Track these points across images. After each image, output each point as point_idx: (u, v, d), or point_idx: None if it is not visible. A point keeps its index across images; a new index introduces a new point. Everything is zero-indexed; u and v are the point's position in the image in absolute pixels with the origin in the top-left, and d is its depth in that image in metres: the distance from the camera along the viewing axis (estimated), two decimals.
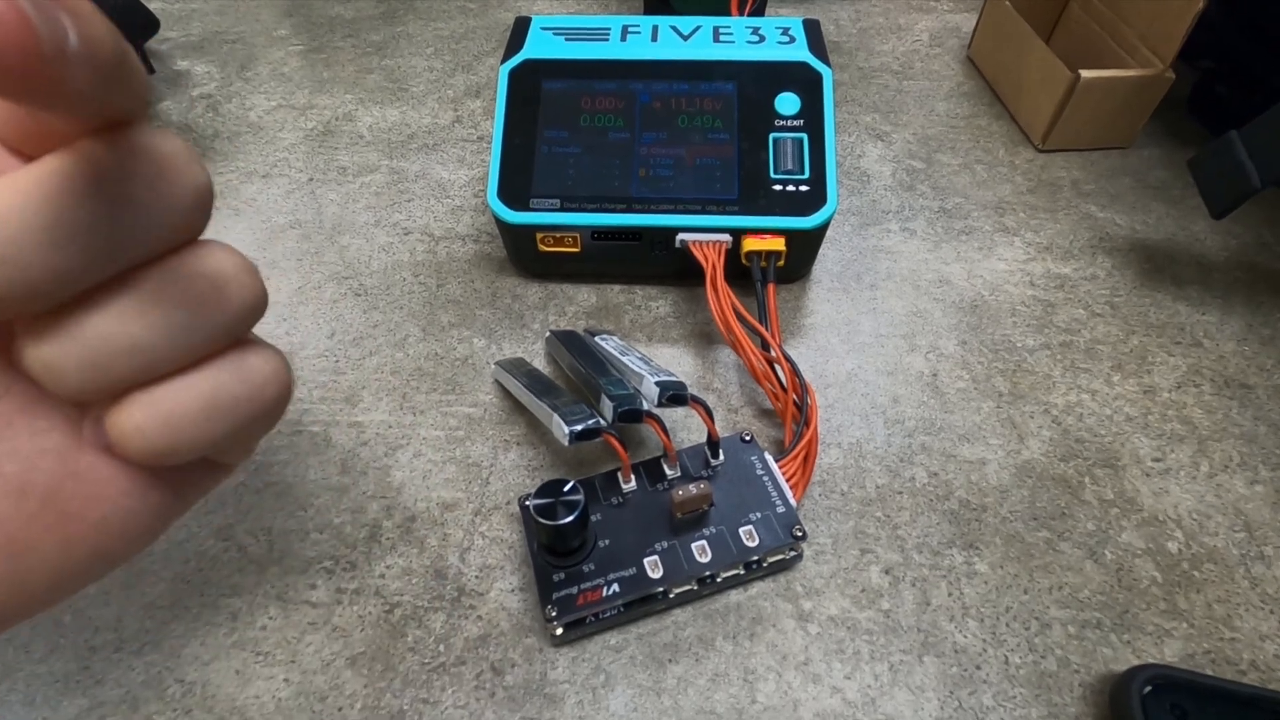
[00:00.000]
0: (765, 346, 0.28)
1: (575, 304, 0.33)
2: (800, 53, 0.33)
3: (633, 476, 0.25)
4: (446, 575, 0.25)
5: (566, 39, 0.34)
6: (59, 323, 0.11)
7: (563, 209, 0.31)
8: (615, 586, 0.23)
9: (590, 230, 0.31)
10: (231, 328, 0.13)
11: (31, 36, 0.08)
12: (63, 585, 0.13)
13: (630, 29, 0.34)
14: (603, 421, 0.24)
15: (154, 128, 0.12)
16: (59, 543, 0.13)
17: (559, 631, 0.22)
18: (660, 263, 0.32)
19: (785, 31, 0.34)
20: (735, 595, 0.24)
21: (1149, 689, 0.21)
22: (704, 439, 0.26)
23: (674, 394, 0.24)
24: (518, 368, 0.29)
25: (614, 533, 0.24)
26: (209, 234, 0.13)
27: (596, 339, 0.29)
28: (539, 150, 0.32)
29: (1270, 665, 0.22)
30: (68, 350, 0.11)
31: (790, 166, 0.31)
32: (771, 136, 0.31)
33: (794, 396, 0.27)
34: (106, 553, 0.14)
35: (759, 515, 0.24)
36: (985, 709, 0.22)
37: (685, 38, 0.34)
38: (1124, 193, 0.38)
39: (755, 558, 0.23)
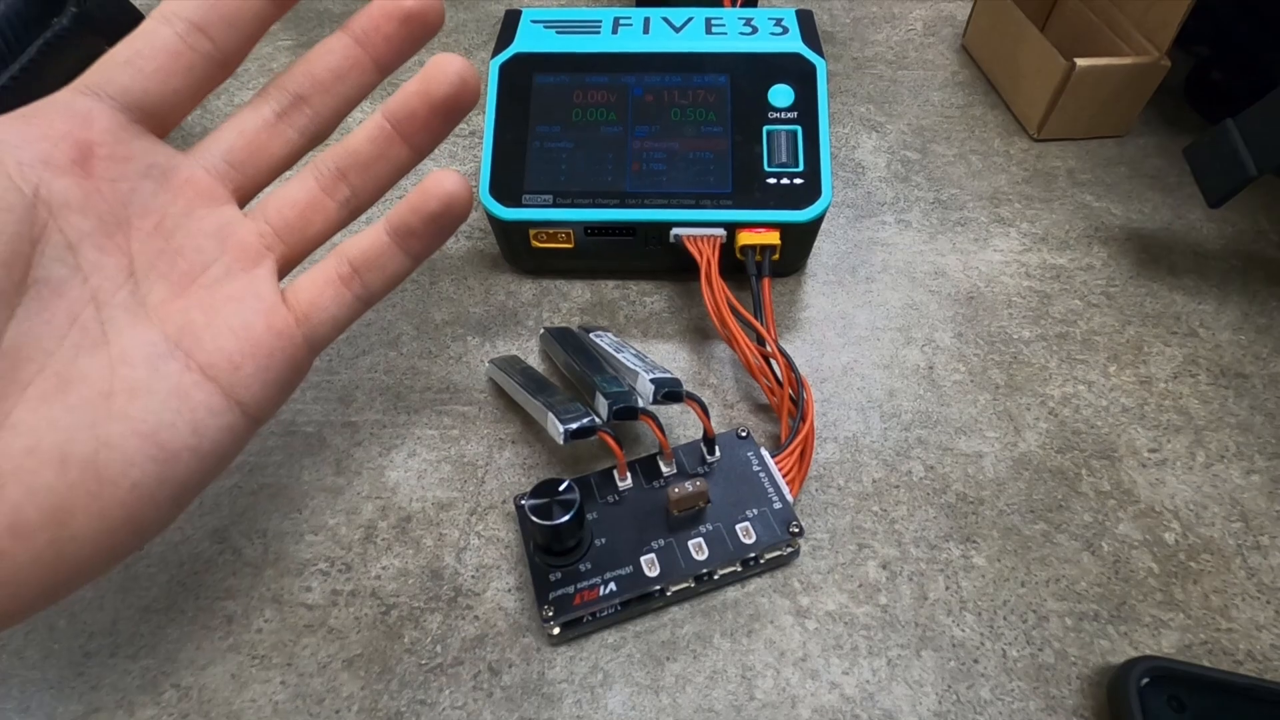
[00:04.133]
0: (760, 341, 0.28)
1: (569, 300, 0.33)
2: (794, 44, 0.32)
3: (628, 474, 0.25)
4: (443, 575, 0.24)
5: (557, 32, 0.33)
6: None
7: (555, 205, 0.30)
8: (612, 585, 0.22)
9: (583, 226, 0.31)
10: None
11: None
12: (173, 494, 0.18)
13: (621, 21, 0.34)
14: (598, 419, 0.24)
15: None
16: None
17: (556, 631, 0.22)
18: (654, 258, 0.32)
19: (778, 22, 0.33)
20: (732, 592, 0.24)
21: (1146, 680, 0.21)
22: (700, 435, 0.25)
23: (669, 391, 0.24)
24: (512, 365, 0.29)
25: (610, 531, 0.24)
26: None
27: (591, 335, 0.29)
28: (530, 145, 0.31)
29: (1267, 655, 0.22)
30: None
31: (784, 159, 0.31)
32: (765, 129, 0.31)
33: (790, 391, 0.27)
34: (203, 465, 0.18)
35: (755, 512, 0.24)
36: (983, 702, 0.22)
37: (677, 30, 0.33)
38: (1120, 182, 0.38)
39: (752, 554, 0.23)
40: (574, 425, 0.23)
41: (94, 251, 0.17)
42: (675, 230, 0.30)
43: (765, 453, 0.26)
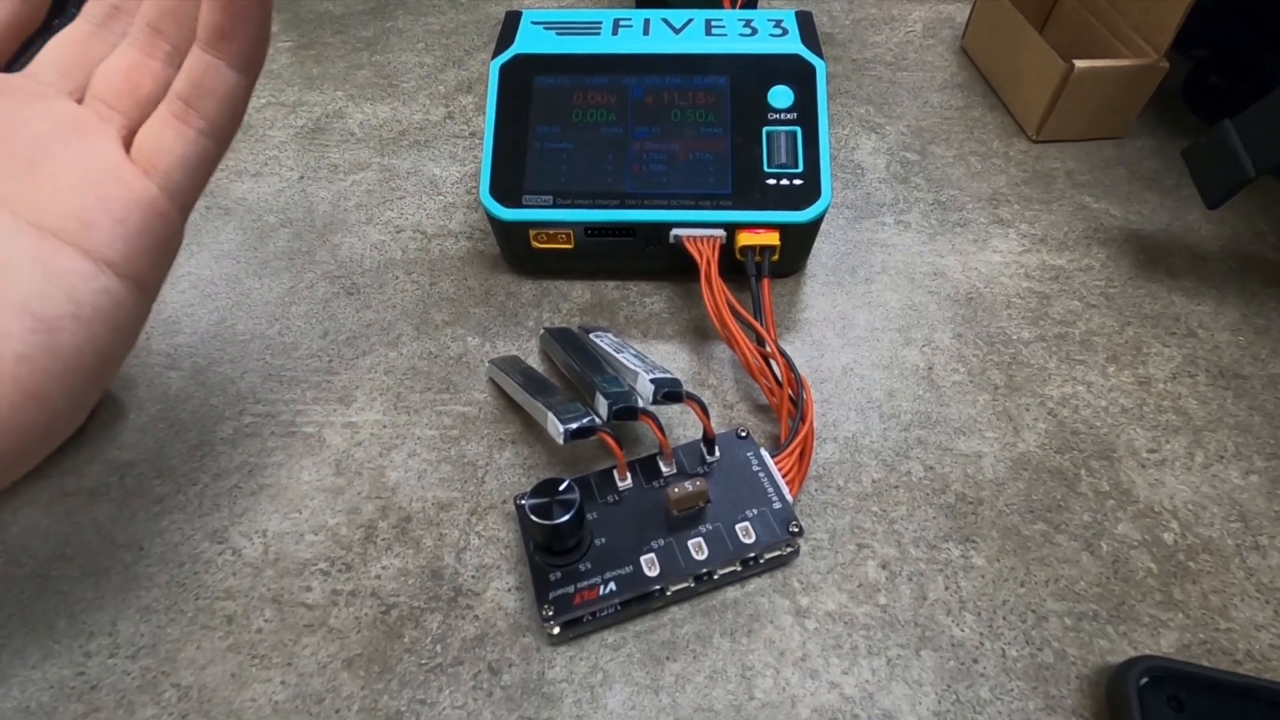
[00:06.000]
0: (760, 342, 0.28)
1: (569, 301, 0.33)
2: (793, 45, 0.33)
3: (628, 474, 0.25)
4: (443, 575, 0.24)
5: (558, 33, 0.33)
6: None
7: (555, 205, 0.31)
8: (612, 585, 0.22)
9: (583, 227, 0.31)
10: None
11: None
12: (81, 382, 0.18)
13: (622, 23, 0.34)
14: (598, 419, 0.24)
15: None
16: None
17: (555, 631, 0.22)
18: (654, 258, 0.32)
19: (778, 24, 0.34)
20: (732, 592, 0.24)
21: (1146, 680, 0.21)
22: (700, 435, 0.26)
23: (669, 391, 0.24)
24: (512, 366, 0.29)
25: (610, 531, 0.24)
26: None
27: (591, 336, 0.29)
28: (531, 146, 0.31)
29: (1265, 655, 0.23)
30: None
31: (784, 160, 0.31)
32: (765, 130, 0.31)
33: (789, 392, 0.27)
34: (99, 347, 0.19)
35: (755, 511, 0.24)
36: (983, 702, 0.22)
37: (677, 31, 0.33)
38: (1118, 183, 0.38)
39: (752, 554, 0.23)
40: (574, 425, 0.23)
41: None
42: (675, 231, 0.30)
43: (765, 453, 0.26)
